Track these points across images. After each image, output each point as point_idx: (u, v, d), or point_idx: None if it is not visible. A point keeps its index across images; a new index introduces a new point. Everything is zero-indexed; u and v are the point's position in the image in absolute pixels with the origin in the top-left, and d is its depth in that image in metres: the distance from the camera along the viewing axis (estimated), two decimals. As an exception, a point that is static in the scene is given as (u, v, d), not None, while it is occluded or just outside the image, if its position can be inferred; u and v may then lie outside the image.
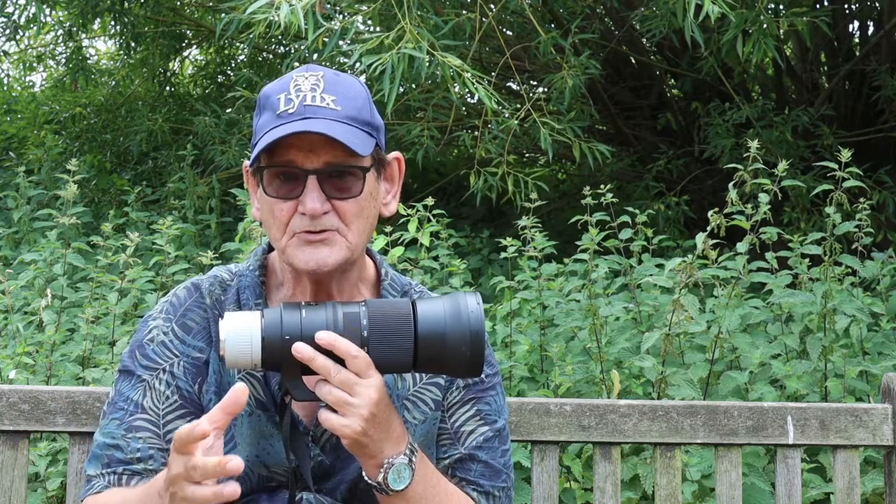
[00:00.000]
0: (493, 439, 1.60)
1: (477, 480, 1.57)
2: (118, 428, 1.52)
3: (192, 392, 1.53)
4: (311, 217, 1.44)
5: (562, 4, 5.58)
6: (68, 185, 4.25)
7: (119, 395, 1.55)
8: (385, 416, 1.37)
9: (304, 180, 1.44)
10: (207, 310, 1.57)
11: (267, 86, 1.53)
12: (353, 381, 1.33)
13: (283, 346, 1.33)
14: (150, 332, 1.56)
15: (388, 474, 1.39)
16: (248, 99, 5.60)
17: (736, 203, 3.18)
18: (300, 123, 1.43)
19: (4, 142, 8.19)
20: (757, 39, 4.08)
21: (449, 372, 1.40)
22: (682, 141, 6.72)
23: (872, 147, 6.20)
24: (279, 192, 1.46)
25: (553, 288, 3.70)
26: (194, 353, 1.54)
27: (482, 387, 1.61)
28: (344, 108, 1.46)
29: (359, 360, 1.33)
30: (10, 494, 1.88)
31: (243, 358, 1.34)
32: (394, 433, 1.39)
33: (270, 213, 1.48)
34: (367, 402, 1.33)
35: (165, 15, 7.02)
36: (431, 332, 1.35)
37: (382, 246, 3.69)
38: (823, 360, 3.25)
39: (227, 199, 6.19)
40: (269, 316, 1.35)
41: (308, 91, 1.46)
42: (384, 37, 3.68)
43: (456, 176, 6.74)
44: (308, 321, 1.34)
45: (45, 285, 4.14)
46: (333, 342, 1.33)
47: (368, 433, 1.35)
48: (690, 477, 2.91)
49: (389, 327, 1.35)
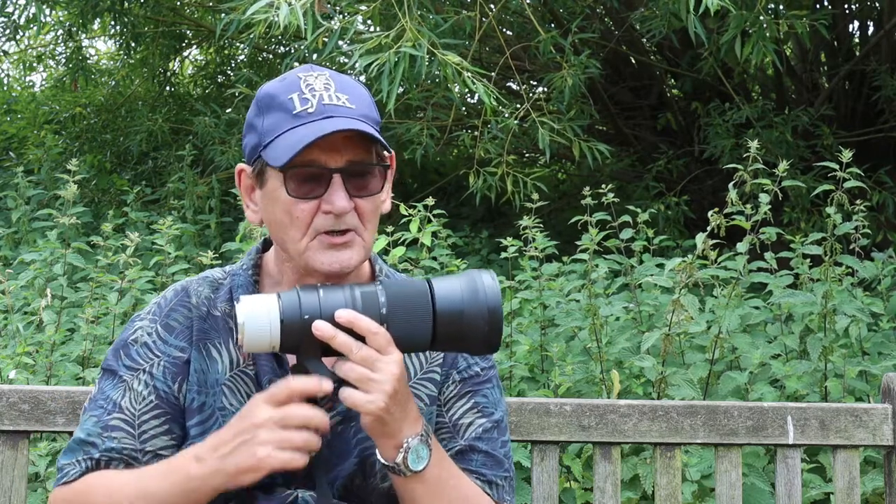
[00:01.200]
0: (491, 430, 1.59)
1: (479, 470, 1.56)
2: (95, 426, 1.52)
3: (169, 392, 1.53)
4: (337, 216, 1.44)
5: (562, 4, 5.59)
6: (68, 185, 4.25)
7: (100, 393, 1.55)
8: (405, 394, 1.37)
9: (329, 179, 1.44)
10: (192, 309, 1.56)
11: (267, 86, 1.51)
12: (375, 358, 1.33)
13: (302, 327, 1.33)
14: (134, 333, 1.57)
15: (407, 454, 1.38)
16: (248, 97, 5.60)
17: (736, 203, 3.18)
18: (329, 122, 1.42)
19: (4, 142, 8.19)
20: (756, 41, 4.09)
21: (468, 349, 1.40)
22: (682, 141, 6.72)
23: (872, 147, 6.20)
24: (300, 192, 1.45)
25: (553, 288, 3.70)
26: (175, 353, 1.54)
27: (478, 380, 1.61)
28: (358, 106, 1.47)
29: (379, 336, 1.33)
30: (10, 494, 1.88)
31: (262, 340, 1.34)
32: (411, 413, 1.39)
33: (288, 213, 1.46)
34: (390, 377, 1.33)
35: (165, 15, 7.02)
36: (450, 309, 1.35)
37: (383, 246, 3.69)
38: (823, 360, 3.25)
39: (226, 199, 6.20)
40: (287, 297, 1.35)
41: (322, 90, 1.46)
42: (384, 36, 3.68)
43: (456, 176, 6.74)
44: (326, 301, 1.34)
45: (45, 285, 4.14)
46: (354, 320, 1.33)
47: (391, 410, 1.35)
48: (690, 477, 2.91)
49: (408, 305, 1.35)
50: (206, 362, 1.53)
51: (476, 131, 5.02)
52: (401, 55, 3.54)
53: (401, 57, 3.54)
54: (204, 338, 1.55)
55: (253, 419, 1.34)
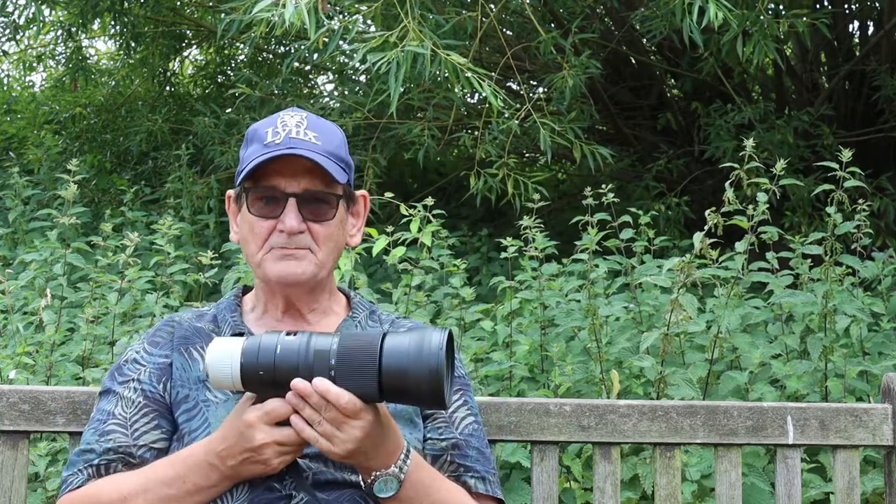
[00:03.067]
0: (479, 430, 1.77)
1: (474, 466, 1.72)
2: (92, 435, 1.66)
3: (155, 392, 1.69)
4: (288, 234, 1.66)
5: (562, 4, 5.58)
6: (68, 186, 4.25)
7: (98, 412, 1.71)
8: (372, 444, 1.49)
9: (285, 202, 1.66)
10: (175, 327, 1.77)
11: (256, 123, 1.75)
12: (342, 421, 1.46)
13: (259, 378, 1.48)
14: (126, 355, 1.75)
15: (374, 484, 1.53)
16: (248, 98, 5.60)
17: (733, 203, 3.17)
18: (288, 151, 1.65)
19: (4, 142, 8.19)
20: (757, 41, 4.08)
21: (416, 403, 1.54)
22: (682, 141, 6.72)
23: (872, 147, 6.20)
24: (261, 212, 1.68)
25: (553, 288, 3.70)
26: (159, 360, 1.72)
27: (464, 382, 1.80)
28: (324, 143, 1.69)
29: (348, 407, 1.45)
30: (10, 494, 1.88)
31: (226, 382, 1.49)
32: (383, 452, 1.52)
33: (251, 230, 1.69)
34: (352, 438, 1.46)
35: (165, 15, 7.02)
36: (395, 369, 1.46)
37: (383, 246, 3.69)
38: (824, 360, 3.25)
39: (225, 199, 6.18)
40: (248, 346, 1.49)
41: (293, 126, 1.69)
42: (388, 35, 3.68)
43: (456, 176, 6.74)
44: (281, 357, 1.47)
45: (44, 285, 4.14)
46: (326, 391, 1.45)
47: (352, 458, 1.50)
48: (690, 477, 2.91)
49: (355, 363, 1.46)
50: (187, 361, 1.71)
51: (477, 132, 5.02)
52: (405, 53, 3.53)
53: (405, 56, 3.54)
54: (185, 343, 1.74)
55: (253, 441, 1.49)
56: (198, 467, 1.54)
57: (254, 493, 1.57)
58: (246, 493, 1.57)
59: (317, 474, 1.60)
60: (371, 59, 3.63)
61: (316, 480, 1.60)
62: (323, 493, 1.59)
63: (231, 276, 3.85)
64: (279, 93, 6.18)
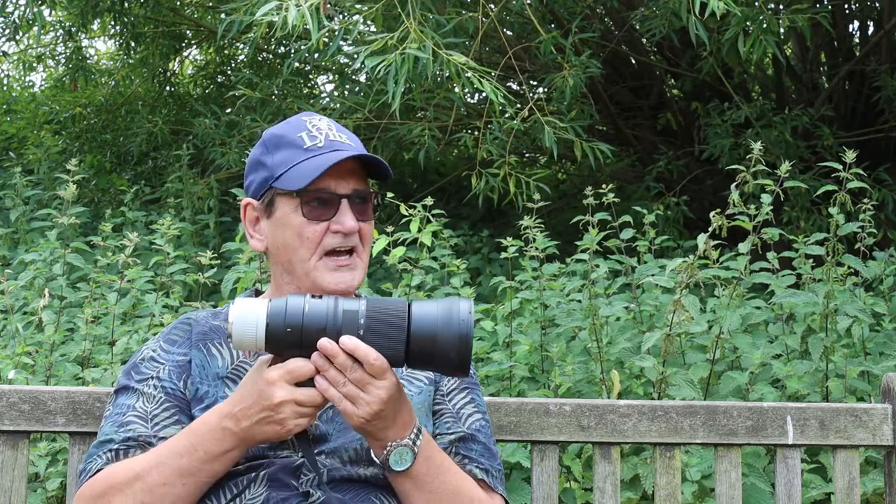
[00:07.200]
0: (486, 427, 1.78)
1: (479, 459, 1.72)
2: (111, 427, 1.66)
3: (175, 388, 1.69)
4: (345, 234, 1.67)
5: (562, 4, 5.58)
6: (68, 185, 4.25)
7: (116, 406, 1.70)
8: (392, 410, 1.49)
9: (338, 203, 1.67)
10: (192, 325, 1.76)
11: (272, 129, 1.74)
12: (367, 381, 1.45)
13: (285, 335, 1.45)
14: (142, 353, 1.75)
15: (389, 456, 1.52)
16: (249, 99, 5.60)
17: (738, 204, 3.17)
18: (338, 154, 1.65)
19: (4, 142, 8.19)
20: (757, 37, 4.08)
21: (439, 369, 1.50)
22: (682, 141, 6.72)
23: (872, 147, 6.20)
24: (313, 215, 1.67)
25: (554, 288, 3.70)
26: (178, 358, 1.72)
27: (472, 380, 1.81)
28: (356, 144, 1.71)
29: (376, 364, 1.45)
30: (10, 494, 1.88)
31: (248, 340, 1.46)
32: (399, 421, 1.52)
33: (298, 235, 1.67)
34: (377, 399, 1.46)
35: (165, 15, 7.02)
36: (423, 333, 1.45)
37: (383, 246, 3.69)
38: (825, 361, 3.24)
39: (225, 199, 6.20)
40: (275, 305, 1.46)
41: (327, 129, 1.70)
42: (389, 38, 3.68)
43: (456, 176, 6.74)
44: (309, 315, 1.46)
45: (44, 285, 4.14)
46: (355, 348, 1.44)
47: (373, 422, 1.48)
48: (690, 477, 2.91)
49: (385, 324, 1.45)
50: (206, 358, 1.70)
51: (477, 132, 5.01)
52: (405, 56, 3.54)
53: (405, 58, 3.54)
54: (204, 339, 1.73)
55: (273, 399, 1.47)
56: (210, 434, 1.53)
57: (270, 490, 1.58)
58: (264, 489, 1.58)
59: (332, 471, 1.61)
60: (370, 64, 3.63)
61: (331, 477, 1.60)
62: (338, 491, 1.59)
63: (231, 276, 3.84)
64: (279, 93, 6.18)
